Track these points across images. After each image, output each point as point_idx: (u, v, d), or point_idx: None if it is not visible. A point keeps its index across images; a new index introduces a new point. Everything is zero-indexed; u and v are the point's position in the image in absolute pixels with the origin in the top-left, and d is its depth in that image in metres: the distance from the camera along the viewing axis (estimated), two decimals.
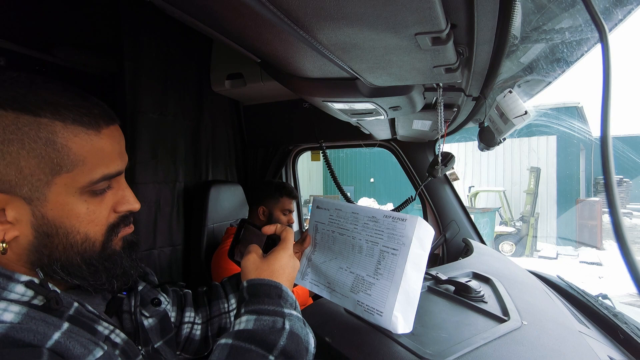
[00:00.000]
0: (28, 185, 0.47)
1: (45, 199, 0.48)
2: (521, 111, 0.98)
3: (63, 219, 0.50)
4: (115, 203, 0.55)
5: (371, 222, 0.76)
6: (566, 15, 0.75)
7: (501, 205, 9.09)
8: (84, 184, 0.50)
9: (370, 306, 0.71)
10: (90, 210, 0.52)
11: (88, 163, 0.50)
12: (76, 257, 0.52)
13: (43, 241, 0.50)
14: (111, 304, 0.61)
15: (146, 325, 0.67)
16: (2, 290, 0.46)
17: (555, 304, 0.99)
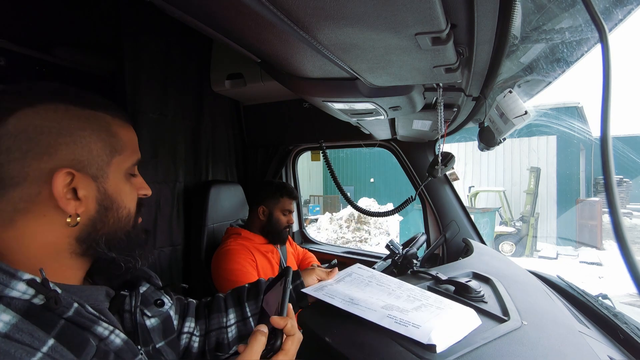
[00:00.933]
0: (95, 164, 0.57)
1: (107, 176, 0.58)
2: (521, 111, 0.98)
3: (117, 195, 0.60)
4: (138, 187, 0.66)
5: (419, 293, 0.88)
6: (566, 15, 0.75)
7: (501, 205, 9.08)
8: (128, 166, 0.62)
9: (404, 319, 0.75)
10: (131, 189, 0.63)
11: (129, 148, 0.62)
12: (120, 230, 0.60)
13: (101, 215, 0.58)
14: (114, 302, 0.64)
15: (148, 326, 0.70)
16: (4, 287, 0.47)
17: (555, 304, 0.99)
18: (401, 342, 0.73)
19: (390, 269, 1.54)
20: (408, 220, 9.06)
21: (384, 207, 9.84)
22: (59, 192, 0.53)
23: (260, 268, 1.68)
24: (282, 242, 1.84)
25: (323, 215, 10.63)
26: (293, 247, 2.04)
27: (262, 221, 1.77)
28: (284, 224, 1.79)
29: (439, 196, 1.96)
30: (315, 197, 13.25)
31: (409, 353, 0.70)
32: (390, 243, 1.57)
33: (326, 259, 2.16)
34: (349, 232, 9.45)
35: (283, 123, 2.26)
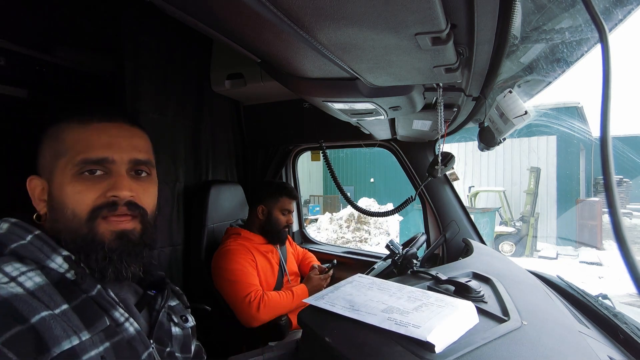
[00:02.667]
0: (47, 169, 0.64)
1: (53, 179, 0.63)
2: (521, 111, 0.98)
3: (59, 195, 0.62)
4: (107, 188, 0.63)
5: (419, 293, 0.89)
6: (566, 16, 0.75)
7: (501, 205, 9.08)
8: (72, 166, 0.62)
9: (404, 321, 0.76)
10: (76, 190, 0.62)
11: (74, 149, 0.62)
12: (71, 234, 0.61)
13: (52, 215, 0.63)
14: (144, 299, 0.71)
15: (173, 332, 0.75)
16: (46, 257, 0.58)
17: (555, 304, 0.99)
18: (401, 341, 0.73)
19: (390, 269, 1.54)
20: (408, 220, 9.05)
21: (383, 207, 9.83)
22: (32, 194, 0.64)
23: (260, 268, 1.68)
24: (282, 242, 1.84)
25: (323, 215, 10.62)
26: (293, 247, 2.04)
27: (262, 221, 1.77)
28: (283, 223, 1.79)
29: (439, 196, 1.96)
30: (315, 197, 13.24)
31: (409, 353, 0.70)
32: (390, 243, 1.57)
33: (326, 259, 2.16)
34: (349, 232, 9.45)
35: (283, 123, 2.26)
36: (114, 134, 0.65)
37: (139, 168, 0.67)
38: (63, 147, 0.62)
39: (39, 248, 0.59)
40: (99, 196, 0.62)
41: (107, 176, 0.64)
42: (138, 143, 0.68)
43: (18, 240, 0.59)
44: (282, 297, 1.62)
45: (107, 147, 0.63)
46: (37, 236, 0.60)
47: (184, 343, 0.78)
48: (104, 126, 0.64)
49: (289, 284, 1.82)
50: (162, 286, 0.75)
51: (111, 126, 0.65)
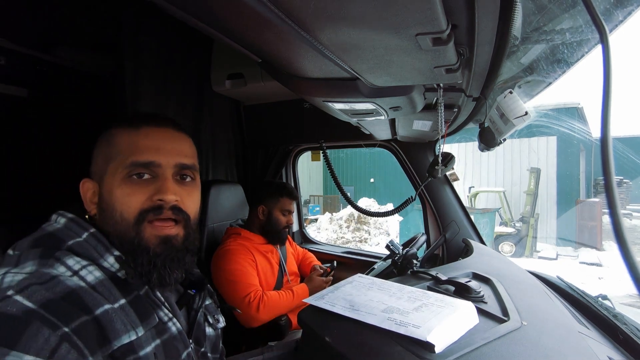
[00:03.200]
0: (98, 173, 0.66)
1: (104, 182, 0.65)
2: (521, 112, 0.98)
3: (109, 198, 0.64)
4: (154, 191, 0.64)
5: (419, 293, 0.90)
6: (567, 16, 0.75)
7: (501, 206, 9.08)
8: (122, 170, 0.64)
9: (404, 321, 0.76)
10: (125, 193, 0.63)
11: (123, 153, 0.64)
12: (120, 236, 0.63)
13: (101, 217, 0.65)
14: (183, 297, 0.73)
15: (207, 333, 0.77)
16: (100, 256, 0.61)
17: (555, 305, 0.99)
18: (401, 341, 0.73)
19: (390, 269, 1.54)
20: (408, 221, 9.05)
21: (384, 208, 9.83)
22: (84, 196, 0.67)
23: (259, 268, 1.68)
24: (282, 243, 1.84)
25: (323, 215, 10.62)
26: (293, 247, 2.04)
27: (262, 221, 1.77)
28: (283, 224, 1.79)
29: (439, 196, 1.96)
30: (315, 197, 13.24)
31: (409, 353, 0.70)
32: (390, 243, 1.56)
33: (326, 259, 2.16)
34: (349, 232, 9.45)
35: (283, 123, 2.26)
36: (161, 138, 0.67)
37: (184, 172, 0.69)
38: (114, 150, 0.65)
39: (94, 246, 0.61)
40: (145, 199, 0.64)
41: (154, 180, 0.65)
42: (184, 148, 0.70)
43: (75, 237, 0.61)
44: (282, 297, 1.62)
45: (154, 150, 0.65)
46: (92, 234, 0.62)
47: (215, 343, 0.81)
48: (152, 130, 0.67)
49: (288, 284, 1.82)
50: (201, 286, 0.77)
51: (159, 131, 0.67)
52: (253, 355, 0.99)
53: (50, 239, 0.61)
